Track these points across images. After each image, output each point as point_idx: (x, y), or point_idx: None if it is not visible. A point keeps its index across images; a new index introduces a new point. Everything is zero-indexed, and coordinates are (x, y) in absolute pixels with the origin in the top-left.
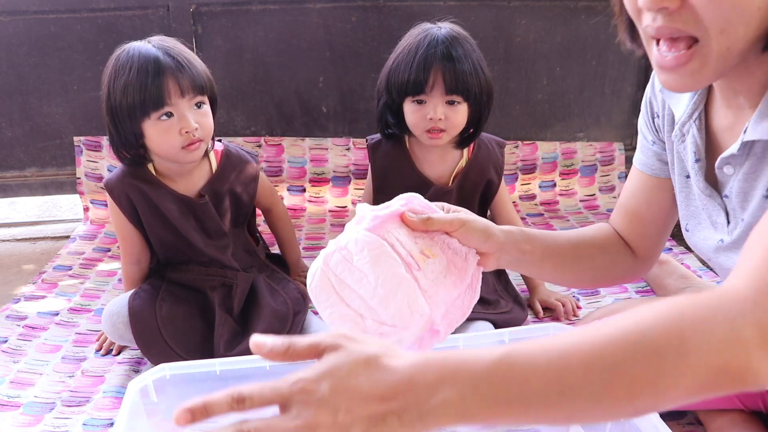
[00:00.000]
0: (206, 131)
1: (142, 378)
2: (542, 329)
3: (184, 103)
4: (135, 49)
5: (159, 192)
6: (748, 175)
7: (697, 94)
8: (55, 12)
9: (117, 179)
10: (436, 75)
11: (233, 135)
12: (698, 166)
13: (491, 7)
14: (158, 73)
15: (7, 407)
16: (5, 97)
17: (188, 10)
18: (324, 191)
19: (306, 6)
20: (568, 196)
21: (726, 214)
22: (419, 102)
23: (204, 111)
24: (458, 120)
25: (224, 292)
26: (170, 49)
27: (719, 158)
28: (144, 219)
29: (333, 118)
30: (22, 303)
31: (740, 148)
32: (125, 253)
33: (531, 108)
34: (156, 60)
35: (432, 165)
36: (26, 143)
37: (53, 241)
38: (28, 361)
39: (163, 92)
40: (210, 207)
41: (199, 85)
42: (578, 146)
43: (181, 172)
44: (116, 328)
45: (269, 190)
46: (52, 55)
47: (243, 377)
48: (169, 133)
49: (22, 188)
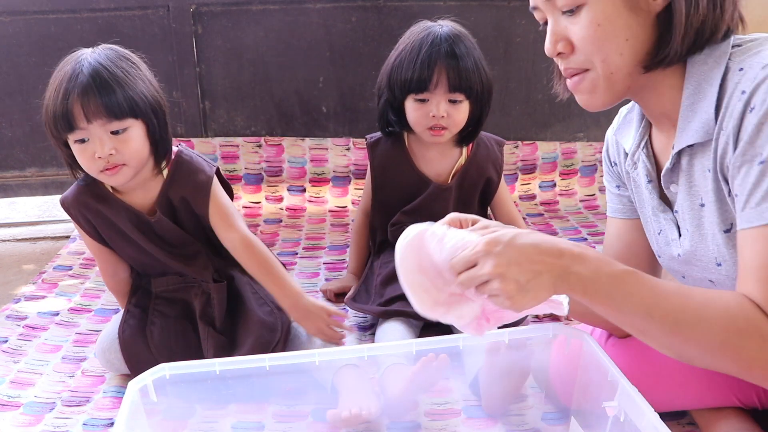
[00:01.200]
0: (128, 156)
1: (142, 378)
2: (543, 329)
3: (95, 128)
4: (72, 59)
5: (113, 208)
6: (689, 189)
7: (641, 126)
8: (55, 12)
9: (72, 197)
10: (439, 73)
11: (233, 135)
12: (651, 187)
13: (491, 7)
14: (67, 95)
15: (7, 407)
16: (5, 97)
17: (188, 10)
18: (324, 191)
19: (306, 6)
20: (568, 196)
21: (677, 228)
22: (422, 100)
23: (123, 138)
24: (460, 117)
25: (204, 301)
26: (103, 65)
27: (662, 177)
28: (106, 237)
29: (333, 118)
30: (22, 303)
31: (671, 162)
32: (101, 269)
33: (531, 108)
34: (73, 78)
35: (431, 163)
36: (26, 143)
37: (53, 241)
38: (28, 361)
39: (72, 115)
40: (164, 221)
41: (117, 110)
42: (578, 146)
43: (133, 186)
44: (112, 364)
45: (223, 209)
46: (52, 55)
47: (242, 377)
48: (83, 156)
49: (22, 188)
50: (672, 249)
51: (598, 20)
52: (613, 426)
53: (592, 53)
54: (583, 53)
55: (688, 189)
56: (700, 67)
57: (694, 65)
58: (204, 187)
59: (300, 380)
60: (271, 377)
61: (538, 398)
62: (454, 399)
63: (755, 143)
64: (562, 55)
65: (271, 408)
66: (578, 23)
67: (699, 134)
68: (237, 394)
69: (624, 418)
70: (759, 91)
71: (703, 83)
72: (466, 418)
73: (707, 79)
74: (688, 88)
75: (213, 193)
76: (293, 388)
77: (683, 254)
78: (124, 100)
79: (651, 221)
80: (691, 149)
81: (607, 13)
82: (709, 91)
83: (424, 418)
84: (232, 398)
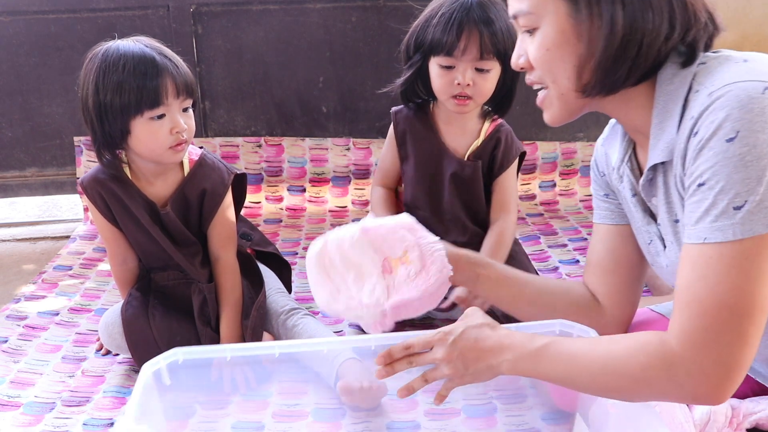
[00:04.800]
0: (191, 134)
1: (156, 361)
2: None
3: (177, 104)
4: (125, 47)
5: (130, 194)
6: (666, 203)
7: (625, 140)
8: (55, 12)
9: (91, 178)
10: (468, 38)
11: (233, 135)
12: (635, 200)
13: None
14: (157, 74)
15: (7, 407)
16: (5, 97)
17: (188, 10)
18: (324, 191)
19: (306, 6)
20: (568, 196)
21: (661, 240)
22: (448, 67)
23: (190, 114)
24: (486, 88)
25: (202, 300)
26: (163, 50)
27: (641, 190)
28: (119, 220)
29: (333, 118)
30: (22, 303)
31: (645, 178)
32: (111, 254)
33: (531, 108)
34: (153, 60)
35: (452, 136)
36: (26, 143)
37: (53, 241)
38: (28, 361)
39: (160, 93)
40: (172, 217)
41: (190, 88)
42: (578, 146)
43: (156, 174)
44: (113, 338)
45: (229, 225)
46: (52, 55)
47: (252, 362)
48: (159, 132)
49: (22, 188)
50: (660, 259)
51: (547, 45)
52: (615, 423)
53: (543, 74)
54: (538, 71)
55: (665, 203)
56: (666, 87)
57: (662, 84)
58: (221, 189)
59: (305, 374)
60: (281, 364)
61: (538, 398)
62: (454, 399)
63: (695, 165)
64: (524, 69)
65: (271, 408)
66: (533, 44)
67: (665, 153)
68: (246, 381)
69: (624, 415)
70: (702, 118)
71: (669, 103)
72: (466, 418)
73: (673, 98)
74: (657, 107)
75: (225, 201)
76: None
77: (669, 265)
78: (190, 80)
79: (642, 232)
80: (664, 165)
81: (554, 39)
82: (675, 111)
83: (424, 418)
84: (240, 386)
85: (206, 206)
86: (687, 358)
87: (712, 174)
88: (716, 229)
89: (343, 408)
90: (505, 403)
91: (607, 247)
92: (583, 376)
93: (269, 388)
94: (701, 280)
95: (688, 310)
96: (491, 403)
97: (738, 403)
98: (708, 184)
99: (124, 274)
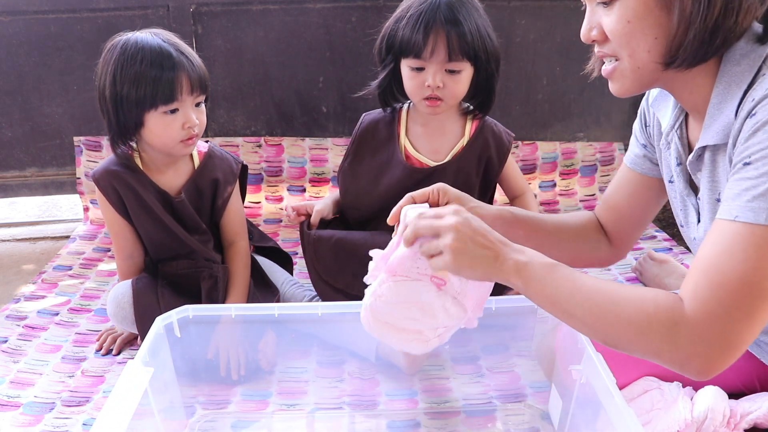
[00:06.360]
0: (202, 128)
1: (168, 315)
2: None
3: (191, 100)
4: (144, 40)
5: (143, 184)
6: (711, 181)
7: (677, 108)
8: (55, 12)
9: (104, 170)
10: (436, 40)
11: (233, 135)
12: (680, 170)
13: (491, 7)
14: (173, 69)
15: (7, 407)
16: (5, 97)
17: (188, 10)
18: (324, 191)
19: (306, 6)
20: (568, 196)
21: (697, 214)
22: (417, 69)
23: (202, 109)
24: (457, 89)
25: (211, 284)
26: (179, 45)
27: (688, 165)
28: (131, 210)
29: (333, 118)
30: (22, 303)
31: (694, 155)
32: (118, 248)
33: (531, 108)
34: (170, 56)
35: (431, 137)
36: (26, 143)
37: (53, 241)
38: (28, 361)
39: (175, 88)
40: (186, 204)
41: (204, 83)
42: (578, 146)
43: (167, 164)
44: (121, 308)
45: (241, 213)
46: (52, 55)
47: (256, 321)
48: (171, 126)
49: (22, 188)
50: (691, 231)
51: (628, 17)
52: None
53: (620, 46)
54: (613, 44)
55: (709, 182)
56: (732, 68)
57: (727, 64)
58: (231, 178)
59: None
60: (279, 324)
61: (537, 398)
62: (454, 398)
63: (745, 145)
64: (595, 42)
65: (271, 407)
66: (610, 16)
67: (719, 136)
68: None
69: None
70: (764, 102)
71: (732, 84)
72: (465, 418)
73: (737, 80)
74: (718, 87)
75: (236, 189)
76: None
77: (698, 239)
78: (204, 75)
79: (678, 199)
80: (715, 146)
81: (637, 11)
82: (736, 93)
83: (424, 417)
84: (244, 341)
85: (219, 195)
86: (694, 324)
87: (761, 156)
88: (751, 209)
89: (343, 408)
90: (505, 403)
91: (628, 194)
92: (584, 306)
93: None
94: (726, 254)
95: (706, 278)
96: (491, 403)
97: (735, 404)
98: (754, 164)
99: (130, 268)
